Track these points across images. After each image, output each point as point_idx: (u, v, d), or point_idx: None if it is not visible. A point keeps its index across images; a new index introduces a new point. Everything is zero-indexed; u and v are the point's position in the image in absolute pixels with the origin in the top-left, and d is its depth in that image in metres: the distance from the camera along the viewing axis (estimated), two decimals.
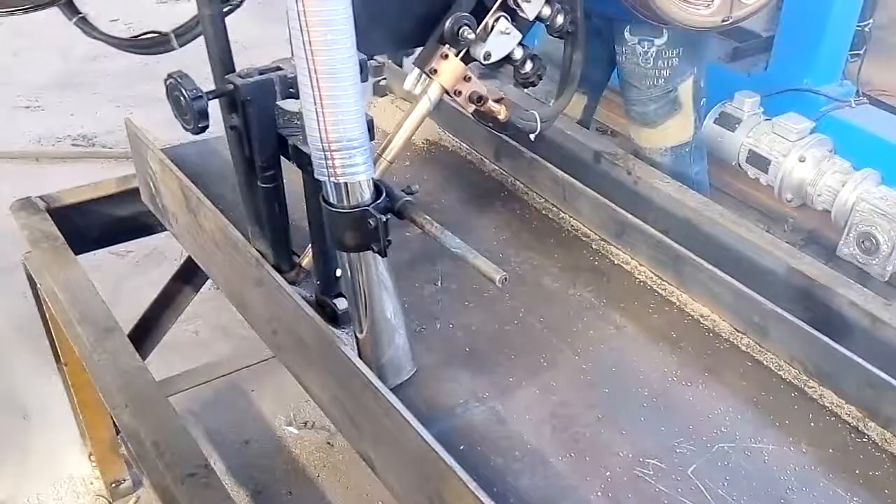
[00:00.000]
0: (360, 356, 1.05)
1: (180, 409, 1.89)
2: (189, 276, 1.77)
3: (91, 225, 1.62)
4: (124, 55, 4.25)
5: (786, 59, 2.63)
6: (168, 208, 1.45)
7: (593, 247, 1.41)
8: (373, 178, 0.97)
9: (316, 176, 0.96)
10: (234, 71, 1.07)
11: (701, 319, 1.24)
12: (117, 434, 1.82)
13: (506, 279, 0.93)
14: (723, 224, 1.36)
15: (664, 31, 1.80)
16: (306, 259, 1.21)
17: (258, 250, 1.19)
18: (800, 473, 1.00)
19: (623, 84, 1.98)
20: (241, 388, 2.21)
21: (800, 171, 2.28)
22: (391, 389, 0.98)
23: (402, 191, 1.01)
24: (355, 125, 0.90)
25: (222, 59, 1.06)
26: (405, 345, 1.11)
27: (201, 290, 1.86)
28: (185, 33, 1.14)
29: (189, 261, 1.73)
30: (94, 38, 1.19)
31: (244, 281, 1.24)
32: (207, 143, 1.53)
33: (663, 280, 1.30)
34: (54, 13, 1.61)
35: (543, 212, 1.50)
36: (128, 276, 2.56)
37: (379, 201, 0.96)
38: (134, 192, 1.58)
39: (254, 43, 1.22)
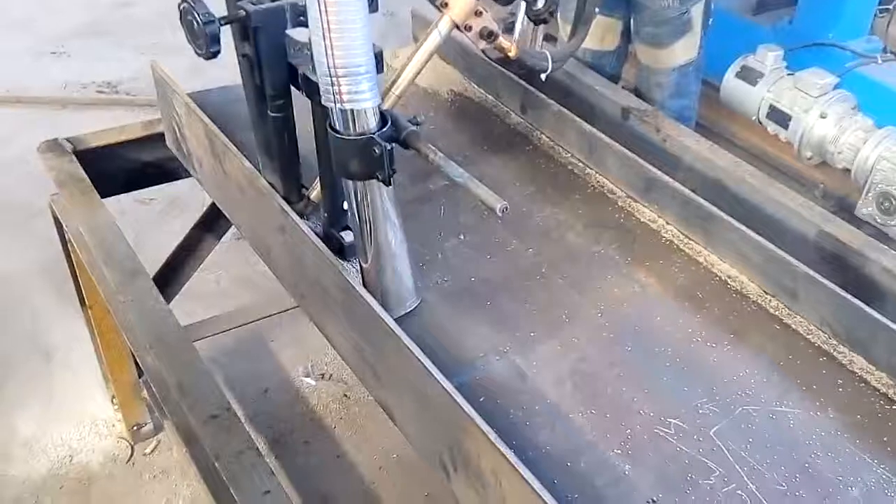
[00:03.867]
0: (364, 285, 1.06)
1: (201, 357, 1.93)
2: (212, 223, 1.77)
3: (117, 169, 1.62)
4: (148, 3, 4.20)
5: (811, 13, 2.54)
6: (193, 153, 1.44)
7: (619, 204, 1.38)
8: (379, 108, 0.97)
9: (323, 102, 0.97)
10: None
11: (728, 280, 1.22)
12: (140, 378, 1.86)
13: (506, 208, 0.93)
14: (752, 184, 1.33)
15: None
16: (314, 192, 1.22)
17: (268, 181, 1.20)
18: (825, 439, 0.99)
19: (637, 6, 1.98)
20: (262, 338, 2.24)
21: (821, 127, 2.21)
22: (395, 319, 0.98)
23: (409, 121, 1.02)
24: (362, 52, 0.92)
25: None
26: (409, 275, 1.12)
27: (222, 239, 1.86)
28: None
29: (212, 208, 1.73)
30: None
31: (267, 228, 1.23)
32: (233, 90, 1.50)
33: (690, 239, 1.27)
34: None
35: (569, 167, 1.47)
36: (151, 223, 2.58)
37: (384, 129, 0.97)
38: (159, 137, 1.57)
39: None
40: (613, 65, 2.16)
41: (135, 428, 1.96)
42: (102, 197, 1.51)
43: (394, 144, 0.98)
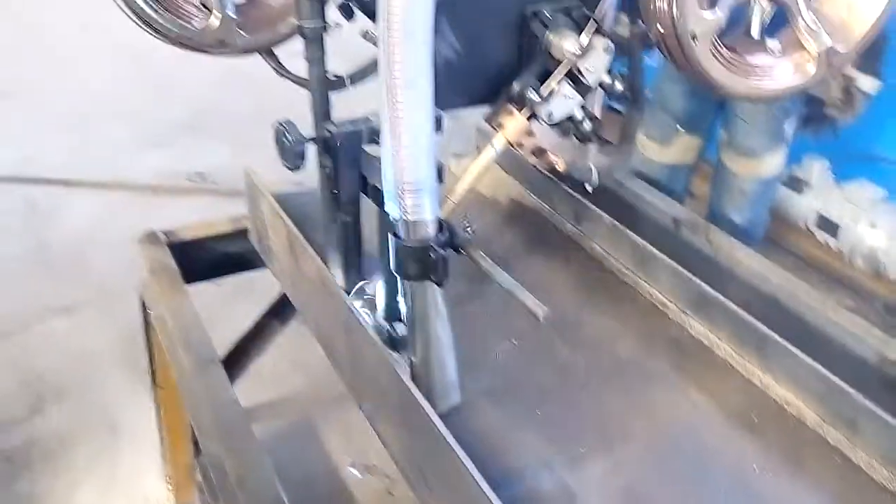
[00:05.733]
0: (412, 379, 1.12)
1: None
2: (280, 312, 1.88)
3: (203, 258, 1.76)
4: (242, 102, 4.64)
5: (859, 126, 2.55)
6: (273, 250, 1.56)
7: (671, 317, 1.39)
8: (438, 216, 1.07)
9: (388, 212, 1.07)
10: (330, 120, 1.25)
11: (785, 405, 1.20)
12: (196, 457, 1.91)
13: (548, 315, 0.98)
14: (808, 303, 1.32)
15: None
16: (373, 286, 1.33)
17: (333, 274, 1.33)
18: None
19: (732, 120, 2.04)
20: (309, 423, 2.27)
21: (871, 238, 2.21)
22: (443, 418, 1.01)
23: (462, 229, 1.13)
24: (427, 171, 1.02)
25: (322, 111, 1.26)
26: (454, 373, 1.17)
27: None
28: (358, 78, 1.40)
29: (282, 299, 1.84)
30: (283, 76, 1.39)
31: (334, 326, 1.31)
32: (312, 194, 1.64)
33: (745, 359, 1.27)
34: (181, 61, 1.81)
35: (621, 277, 1.50)
36: (220, 303, 2.72)
37: (441, 237, 1.07)
38: (243, 231, 1.71)
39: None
40: (686, 178, 2.22)
41: None
42: (186, 283, 1.64)
43: (448, 250, 1.08)
